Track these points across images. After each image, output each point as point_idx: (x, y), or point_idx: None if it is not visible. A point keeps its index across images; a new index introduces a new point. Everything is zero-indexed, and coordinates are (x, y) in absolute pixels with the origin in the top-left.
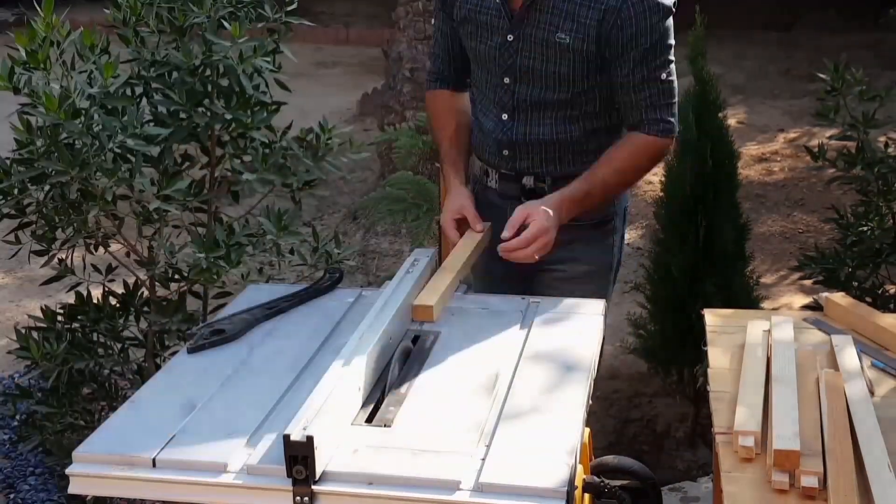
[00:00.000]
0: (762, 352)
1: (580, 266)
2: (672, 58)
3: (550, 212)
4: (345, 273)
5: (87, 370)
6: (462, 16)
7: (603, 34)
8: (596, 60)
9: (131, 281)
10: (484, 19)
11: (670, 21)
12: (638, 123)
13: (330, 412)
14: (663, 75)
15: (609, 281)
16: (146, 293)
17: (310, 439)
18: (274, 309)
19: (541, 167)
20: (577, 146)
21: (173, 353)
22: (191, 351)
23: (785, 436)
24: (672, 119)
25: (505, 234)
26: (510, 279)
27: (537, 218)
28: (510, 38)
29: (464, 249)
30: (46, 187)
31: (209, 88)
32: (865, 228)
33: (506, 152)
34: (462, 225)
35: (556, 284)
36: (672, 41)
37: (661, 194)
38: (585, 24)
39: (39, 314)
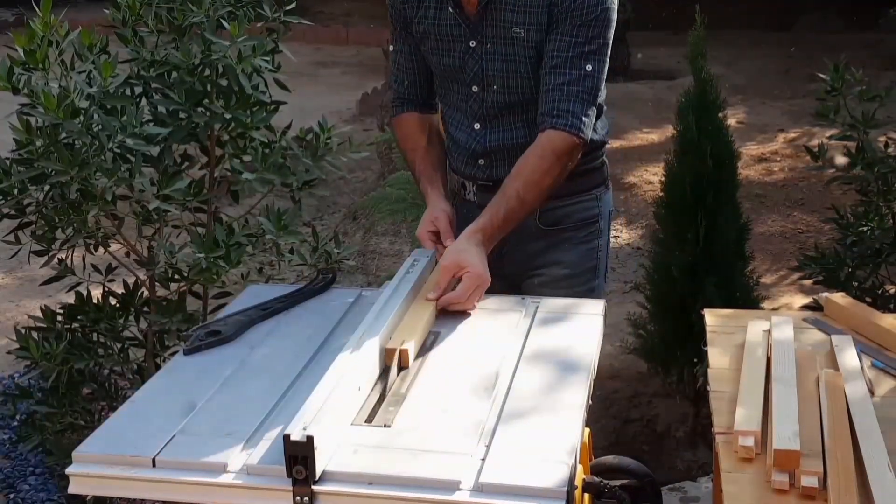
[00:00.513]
0: (762, 352)
1: (561, 270)
2: (605, 59)
3: (480, 255)
4: (345, 273)
5: (86, 370)
6: (421, 32)
7: (551, 18)
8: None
9: (131, 281)
10: (443, 31)
11: (612, 15)
12: (549, 113)
13: (330, 412)
14: (589, 66)
15: (594, 286)
16: (146, 293)
17: (310, 439)
18: (269, 310)
19: None
20: None
21: (173, 354)
22: (187, 353)
23: (785, 436)
24: (584, 118)
25: (432, 295)
26: (495, 285)
27: (471, 269)
28: (472, 44)
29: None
30: (46, 187)
31: (208, 88)
32: (865, 228)
33: (481, 161)
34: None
35: (539, 290)
36: (609, 41)
37: (661, 194)
38: (537, 13)
39: (39, 314)
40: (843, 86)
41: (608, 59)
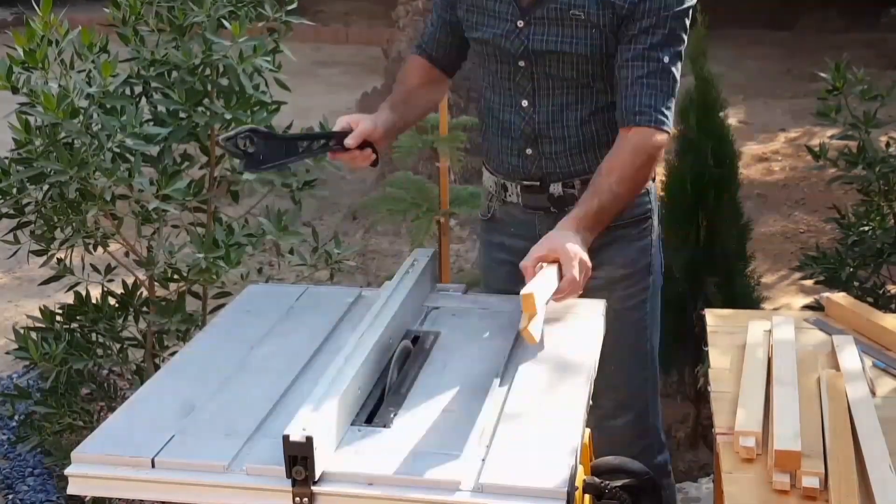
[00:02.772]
0: (763, 352)
1: (617, 270)
2: (680, 50)
3: (576, 239)
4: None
5: (85, 370)
6: (466, 5)
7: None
8: (615, 32)
9: (130, 281)
10: (491, 6)
11: (688, 4)
12: (631, 110)
13: (329, 412)
14: (666, 58)
15: (648, 283)
16: (145, 293)
17: (309, 440)
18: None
19: (568, 166)
20: (602, 137)
21: (172, 354)
22: (225, 140)
23: (786, 436)
24: (667, 114)
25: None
26: None
27: (566, 251)
28: (520, 24)
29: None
30: (45, 187)
31: (209, 88)
32: (867, 228)
33: (529, 151)
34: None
35: (592, 293)
36: (685, 34)
37: (662, 194)
38: None
39: (38, 314)
40: (845, 85)
41: (683, 49)
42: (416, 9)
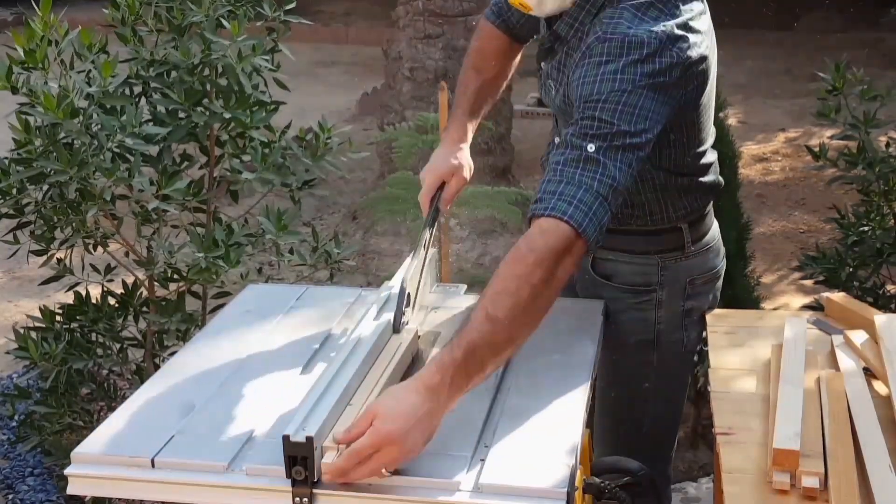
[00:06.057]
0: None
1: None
2: (616, 145)
3: (412, 408)
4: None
5: (85, 370)
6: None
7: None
8: None
9: (130, 281)
10: (539, 36)
11: (638, 71)
12: (533, 199)
13: (329, 412)
14: (591, 147)
15: (651, 359)
16: (145, 293)
17: (309, 440)
18: None
19: None
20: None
21: (172, 354)
22: None
23: (786, 435)
24: (578, 206)
25: (341, 436)
26: None
27: (382, 425)
28: (543, 65)
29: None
30: (45, 187)
31: (208, 87)
32: (866, 228)
33: None
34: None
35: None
36: (624, 122)
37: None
38: (567, 72)
39: (38, 314)
40: (845, 85)
41: (625, 142)
42: (416, 9)
